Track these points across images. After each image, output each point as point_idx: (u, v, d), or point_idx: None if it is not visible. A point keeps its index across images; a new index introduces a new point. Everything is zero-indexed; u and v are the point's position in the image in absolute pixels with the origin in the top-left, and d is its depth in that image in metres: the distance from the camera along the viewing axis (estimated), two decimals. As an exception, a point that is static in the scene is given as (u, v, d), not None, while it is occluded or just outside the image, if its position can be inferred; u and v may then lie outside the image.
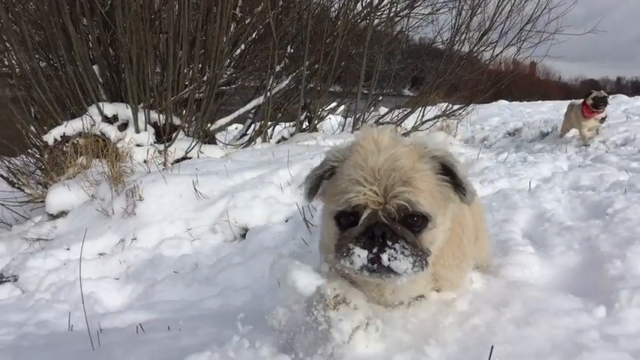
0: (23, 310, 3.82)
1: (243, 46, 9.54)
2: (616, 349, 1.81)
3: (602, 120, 9.89)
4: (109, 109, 7.89)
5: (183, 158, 7.74)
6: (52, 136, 7.54)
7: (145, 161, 7.30)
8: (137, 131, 7.91)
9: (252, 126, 9.76)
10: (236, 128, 11.51)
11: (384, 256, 1.88)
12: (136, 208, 5.28)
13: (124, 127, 8.00)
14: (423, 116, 11.31)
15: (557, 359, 1.75)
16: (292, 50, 9.83)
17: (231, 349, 2.10)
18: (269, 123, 9.48)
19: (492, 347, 1.73)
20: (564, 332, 1.93)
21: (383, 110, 11.71)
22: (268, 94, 8.95)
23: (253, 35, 9.57)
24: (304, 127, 10.10)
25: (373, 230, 1.89)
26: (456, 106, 11.99)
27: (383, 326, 2.11)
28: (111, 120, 7.88)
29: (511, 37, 11.00)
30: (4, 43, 8.06)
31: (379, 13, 10.13)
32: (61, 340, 2.90)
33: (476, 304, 2.23)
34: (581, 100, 10.19)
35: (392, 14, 10.16)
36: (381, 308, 2.25)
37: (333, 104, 11.18)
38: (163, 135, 8.02)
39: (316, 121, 10.20)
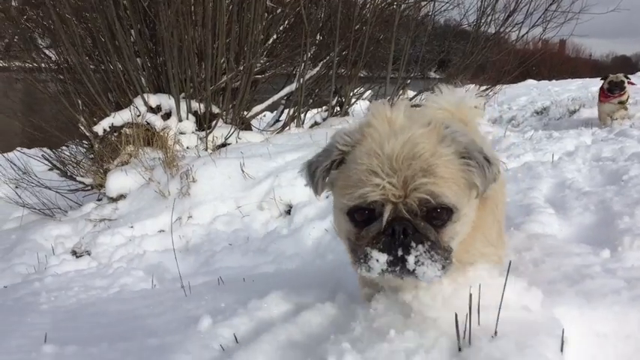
0: (105, 276, 4.39)
1: (275, 36, 9.95)
2: (613, 277, 2.21)
3: (622, 103, 9.78)
4: (153, 99, 8.39)
5: (223, 145, 8.23)
6: (101, 127, 8.08)
7: (187, 147, 7.82)
8: (180, 120, 8.41)
9: (286, 112, 10.19)
10: (264, 115, 11.95)
11: (410, 259, 1.68)
12: (190, 189, 5.81)
13: (167, 116, 8.51)
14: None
15: (564, 285, 2.17)
16: (321, 37, 10.19)
17: (296, 292, 2.59)
18: (302, 109, 9.89)
19: (510, 262, 2.07)
20: (573, 267, 2.35)
21: (411, 93, 11.97)
22: (301, 80, 9.34)
23: (285, 24, 9.96)
24: (335, 111, 10.48)
25: (394, 226, 1.68)
26: (482, 87, 12.13)
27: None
28: (155, 110, 8.41)
29: (536, 18, 11.09)
30: (54, 41, 8.66)
31: (406, -2, 10.39)
32: (151, 293, 3.43)
33: (500, 251, 2.65)
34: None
35: (419, -2, 10.39)
36: None
37: (362, 89, 11.49)
38: (204, 123, 8.52)
39: (347, 106, 10.57)
